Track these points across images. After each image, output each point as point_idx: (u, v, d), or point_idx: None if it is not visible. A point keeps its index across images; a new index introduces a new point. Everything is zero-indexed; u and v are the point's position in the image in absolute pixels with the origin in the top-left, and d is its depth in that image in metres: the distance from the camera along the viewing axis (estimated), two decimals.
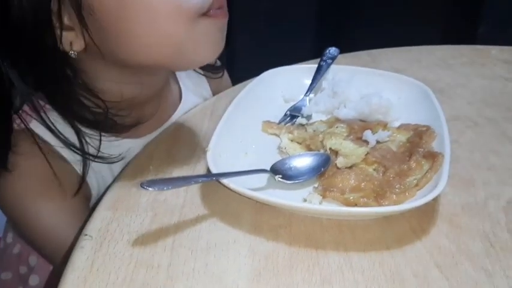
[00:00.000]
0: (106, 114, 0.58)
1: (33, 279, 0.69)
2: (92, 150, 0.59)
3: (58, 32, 0.52)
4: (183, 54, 0.54)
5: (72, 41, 0.53)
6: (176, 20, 0.51)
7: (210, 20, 0.52)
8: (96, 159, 0.59)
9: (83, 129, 0.58)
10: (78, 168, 0.60)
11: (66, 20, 0.52)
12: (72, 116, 0.57)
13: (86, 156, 0.59)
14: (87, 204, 0.63)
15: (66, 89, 0.55)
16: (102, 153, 0.60)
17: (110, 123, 0.59)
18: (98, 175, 0.63)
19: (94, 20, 0.51)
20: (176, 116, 0.72)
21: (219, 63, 0.81)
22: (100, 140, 0.59)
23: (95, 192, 0.64)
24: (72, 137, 0.58)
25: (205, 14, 0.52)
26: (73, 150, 0.58)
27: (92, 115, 0.57)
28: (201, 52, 0.55)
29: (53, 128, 0.56)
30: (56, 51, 0.52)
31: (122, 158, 0.62)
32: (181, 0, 0.50)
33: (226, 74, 0.85)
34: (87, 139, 0.59)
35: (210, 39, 0.54)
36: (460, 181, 0.55)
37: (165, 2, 0.50)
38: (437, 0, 1.78)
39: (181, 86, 0.76)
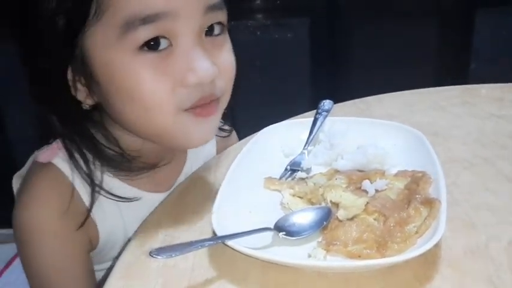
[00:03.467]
0: (120, 153, 0.63)
1: None
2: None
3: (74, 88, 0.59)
4: (171, 140, 0.62)
5: (86, 96, 0.60)
6: (162, 112, 0.57)
7: (190, 116, 0.58)
8: (103, 193, 0.64)
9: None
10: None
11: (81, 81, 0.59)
12: (86, 147, 0.62)
13: (96, 190, 0.63)
14: (88, 243, 0.66)
15: (82, 126, 0.63)
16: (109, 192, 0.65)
17: (124, 162, 0.64)
18: (107, 223, 0.67)
19: (100, 92, 0.59)
20: (184, 175, 0.75)
21: (227, 126, 0.83)
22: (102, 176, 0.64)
23: (102, 238, 0.67)
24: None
25: (187, 109, 0.58)
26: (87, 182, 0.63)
27: (107, 152, 0.63)
28: (184, 141, 0.62)
29: (76, 160, 0.62)
30: (73, 99, 0.60)
31: (130, 200, 0.66)
32: (165, 95, 0.56)
33: (234, 133, 0.88)
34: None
35: (190, 131, 0.60)
36: (460, 224, 0.56)
37: (151, 96, 0.56)
38: (429, 39, 1.84)
39: None
